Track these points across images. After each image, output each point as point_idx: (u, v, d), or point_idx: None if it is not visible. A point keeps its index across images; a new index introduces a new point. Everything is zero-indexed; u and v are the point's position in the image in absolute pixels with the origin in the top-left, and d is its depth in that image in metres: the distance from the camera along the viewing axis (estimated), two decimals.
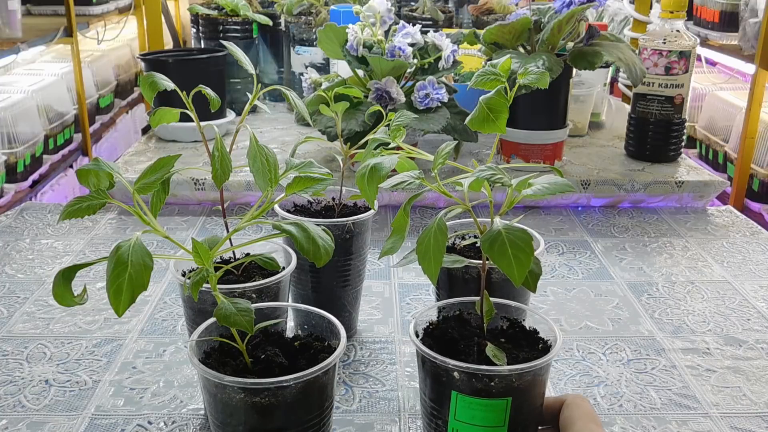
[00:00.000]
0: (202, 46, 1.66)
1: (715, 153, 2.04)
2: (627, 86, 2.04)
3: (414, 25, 1.19)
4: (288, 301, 0.72)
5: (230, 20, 1.64)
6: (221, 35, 1.64)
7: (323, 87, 1.24)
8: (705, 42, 2.04)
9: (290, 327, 0.65)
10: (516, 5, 1.60)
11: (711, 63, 2.40)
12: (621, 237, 1.15)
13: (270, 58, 1.76)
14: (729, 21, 1.99)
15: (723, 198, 1.87)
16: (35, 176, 1.99)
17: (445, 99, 1.18)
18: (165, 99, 0.77)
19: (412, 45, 1.18)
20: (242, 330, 0.54)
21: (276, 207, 0.78)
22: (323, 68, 1.60)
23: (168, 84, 0.63)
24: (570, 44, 1.20)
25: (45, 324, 0.88)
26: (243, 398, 0.53)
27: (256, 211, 0.57)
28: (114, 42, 2.77)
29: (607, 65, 1.53)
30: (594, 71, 1.19)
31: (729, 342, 0.86)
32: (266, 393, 0.53)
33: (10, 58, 2.07)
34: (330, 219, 0.78)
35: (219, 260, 0.71)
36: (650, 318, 0.91)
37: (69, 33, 2.24)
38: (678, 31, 1.29)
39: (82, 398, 0.74)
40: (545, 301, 0.95)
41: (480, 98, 0.56)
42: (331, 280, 0.81)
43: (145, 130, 2.75)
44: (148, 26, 1.96)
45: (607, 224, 1.20)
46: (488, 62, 0.71)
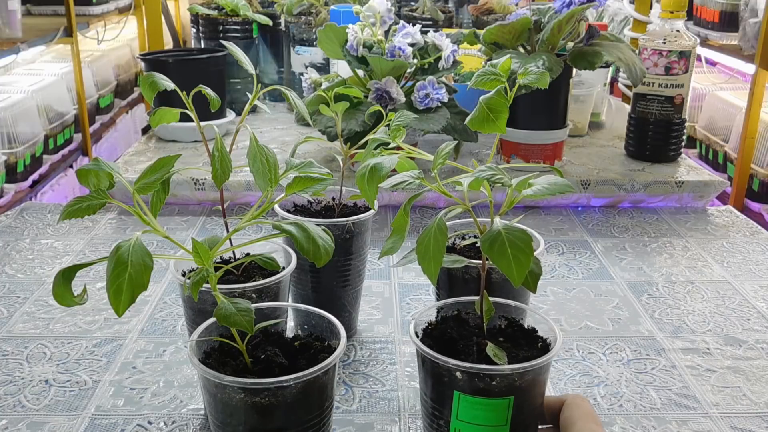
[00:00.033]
0: (202, 46, 1.66)
1: (715, 153, 2.04)
2: (627, 86, 2.04)
3: (414, 25, 1.19)
4: (288, 301, 0.72)
5: (230, 20, 1.64)
6: (221, 35, 1.64)
7: (323, 87, 1.24)
8: (705, 42, 2.04)
9: (290, 327, 0.65)
10: (516, 5, 1.60)
11: (711, 63, 2.40)
12: (621, 237, 1.15)
13: (270, 58, 1.76)
14: (729, 21, 1.99)
15: (723, 198, 1.87)
16: (35, 176, 1.99)
17: (445, 99, 1.18)
18: (165, 99, 0.77)
19: (412, 45, 1.18)
20: (242, 330, 0.54)
21: (276, 207, 0.78)
22: (323, 68, 1.60)
23: (168, 84, 0.63)
24: (570, 44, 1.20)
25: (45, 324, 0.88)
26: (243, 398, 0.53)
27: (256, 211, 0.57)
28: (114, 42, 2.77)
29: (607, 65, 1.53)
30: (594, 71, 1.20)
31: (729, 342, 0.86)
32: (266, 393, 0.53)
33: (10, 58, 2.07)
34: (330, 219, 0.78)
35: (219, 260, 0.71)
36: (650, 318, 0.91)
37: (69, 33, 2.24)
38: (678, 31, 1.29)
39: (82, 398, 0.74)
40: (545, 301, 0.95)
41: (480, 98, 0.56)
42: (331, 280, 0.81)
43: (145, 130, 2.75)
44: (148, 26, 1.96)
45: (607, 224, 1.20)
46: (488, 62, 0.71)
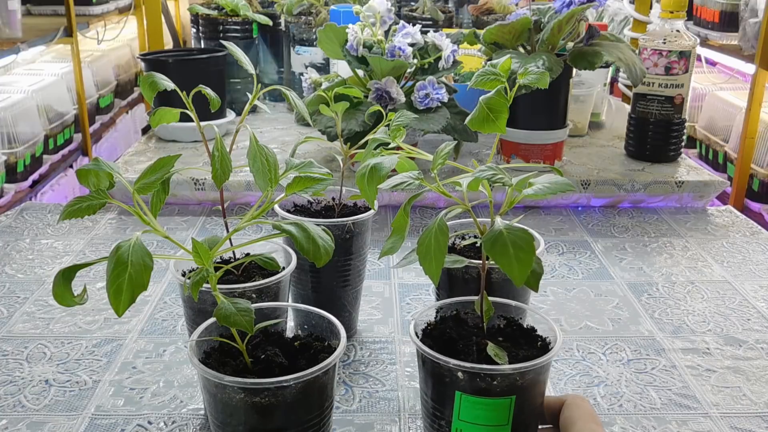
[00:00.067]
0: (202, 46, 1.66)
1: (715, 153, 2.04)
2: (627, 86, 2.04)
3: (414, 25, 1.19)
4: (288, 301, 0.72)
5: (230, 20, 1.64)
6: (221, 35, 1.64)
7: (323, 87, 1.24)
8: (705, 42, 2.04)
9: (290, 327, 0.65)
10: (516, 5, 1.60)
11: (711, 63, 2.40)
12: (621, 237, 1.15)
13: (270, 58, 1.76)
14: (729, 21, 1.99)
15: (723, 198, 1.87)
16: (35, 176, 1.99)
17: (445, 99, 1.18)
18: (165, 99, 0.77)
19: (412, 45, 1.18)
20: (242, 330, 0.54)
21: (276, 207, 0.78)
22: (323, 68, 1.60)
23: (168, 84, 0.63)
24: (570, 44, 1.20)
25: (45, 324, 0.88)
26: (243, 398, 0.53)
27: (256, 211, 0.57)
28: (114, 42, 2.77)
29: (607, 65, 1.53)
30: (594, 71, 1.20)
31: (729, 342, 0.86)
32: (266, 393, 0.53)
33: (10, 58, 2.07)
34: (330, 219, 0.78)
35: (219, 260, 0.71)
36: (650, 318, 0.91)
37: (69, 33, 2.24)
38: (678, 31, 1.29)
39: (82, 398, 0.74)
40: (545, 301, 0.95)
41: (480, 98, 0.56)
42: (331, 280, 0.81)
43: (145, 130, 2.75)
44: (148, 26, 1.96)
45: (607, 224, 1.20)
46: (488, 62, 0.71)
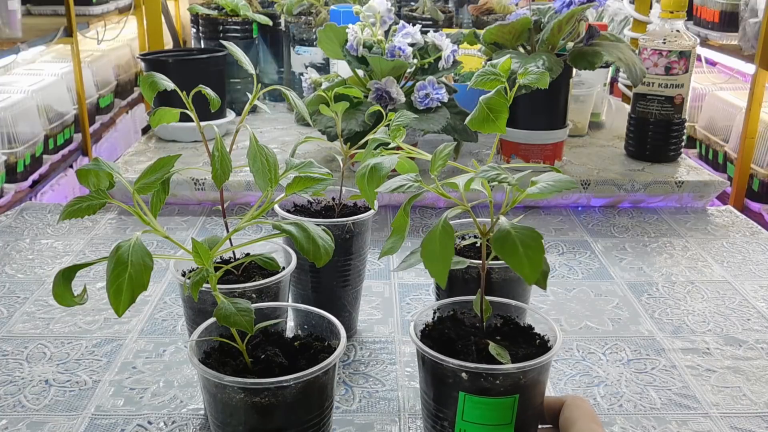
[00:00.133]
0: (202, 46, 1.66)
1: (715, 153, 2.04)
2: (627, 86, 2.04)
3: (414, 25, 1.19)
4: (288, 301, 0.72)
5: (230, 20, 1.64)
6: (221, 35, 1.64)
7: (323, 87, 1.24)
8: (705, 42, 2.04)
9: (290, 327, 0.65)
10: (516, 5, 1.60)
11: (711, 63, 2.40)
12: (621, 237, 1.15)
13: (270, 58, 1.76)
14: (729, 21, 1.99)
15: (723, 198, 1.87)
16: (35, 176, 1.99)
17: (445, 99, 1.18)
18: (165, 99, 0.77)
19: (412, 45, 1.18)
20: (242, 330, 0.54)
21: (276, 207, 0.78)
22: (323, 68, 1.60)
23: (168, 84, 0.63)
24: (570, 44, 1.20)
25: (45, 324, 0.88)
26: (243, 398, 0.53)
27: (256, 211, 0.57)
28: (114, 42, 2.77)
29: (607, 65, 1.53)
30: (594, 71, 1.19)
31: (729, 342, 0.86)
32: (266, 393, 0.53)
33: (10, 58, 2.07)
34: (330, 219, 0.78)
35: (219, 260, 0.71)
36: (650, 318, 0.91)
37: (69, 33, 2.24)
38: (678, 31, 1.29)
39: (82, 398, 0.74)
40: (545, 301, 0.95)
41: (480, 98, 0.56)
42: (331, 280, 0.81)
43: (145, 130, 2.75)
44: (148, 26, 1.96)
45: (607, 224, 1.20)
46: (488, 62, 0.71)
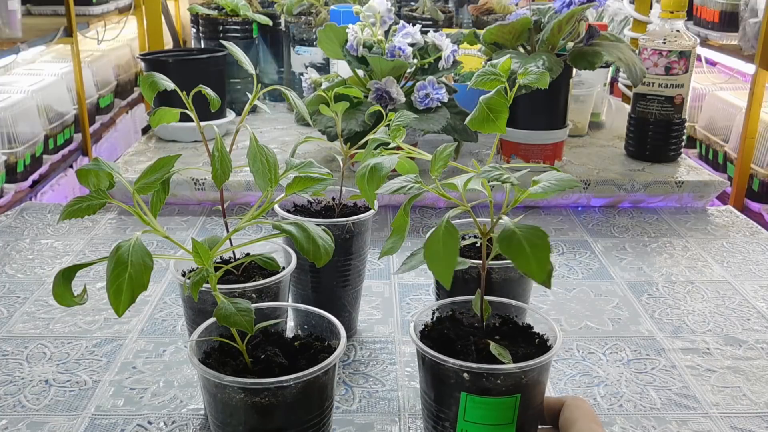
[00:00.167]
0: (202, 46, 1.66)
1: (715, 153, 2.04)
2: (627, 86, 2.04)
3: (414, 25, 1.19)
4: (288, 301, 0.72)
5: (230, 20, 1.64)
6: (221, 35, 1.64)
7: (323, 87, 1.24)
8: (705, 42, 2.04)
9: (290, 327, 0.65)
10: (516, 5, 1.60)
11: (711, 63, 2.40)
12: (621, 237, 1.15)
13: (270, 58, 1.76)
14: (729, 21, 1.99)
15: (723, 198, 1.87)
16: (35, 176, 1.99)
17: (445, 99, 1.18)
18: (165, 99, 0.77)
19: (412, 45, 1.18)
20: (242, 330, 0.54)
21: (276, 207, 0.78)
22: (323, 68, 1.60)
23: (168, 84, 0.63)
24: (570, 44, 1.20)
25: (45, 324, 0.88)
26: (243, 398, 0.53)
27: (256, 211, 0.57)
28: (114, 42, 2.77)
29: (607, 65, 1.53)
30: (594, 71, 1.19)
31: (729, 342, 0.86)
32: (266, 393, 0.53)
33: (10, 58, 2.07)
34: (330, 219, 0.78)
35: (219, 260, 0.71)
36: (650, 318, 0.91)
37: (69, 33, 2.24)
38: (678, 31, 1.29)
39: (82, 398, 0.74)
40: (545, 301, 0.95)
41: (480, 98, 0.56)
42: (331, 280, 0.81)
43: (145, 130, 2.75)
44: (148, 26, 1.96)
45: (607, 224, 1.20)
46: (488, 62, 0.71)
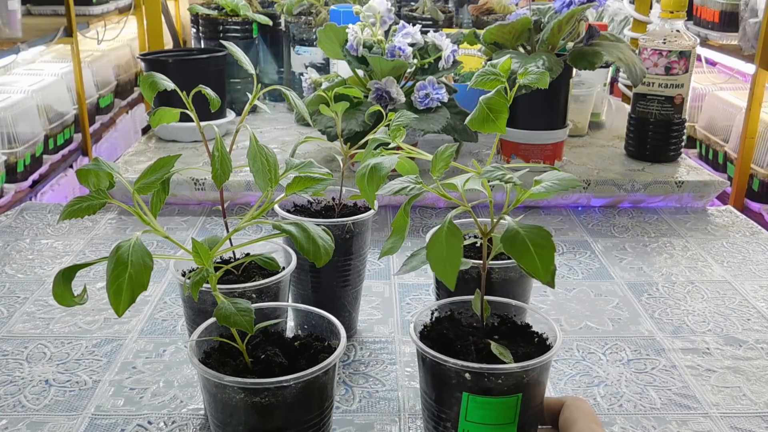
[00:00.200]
0: (202, 46, 1.66)
1: (715, 153, 2.04)
2: (627, 86, 2.04)
3: (414, 25, 1.19)
4: (288, 301, 0.72)
5: (230, 20, 1.64)
6: (221, 35, 1.64)
7: (323, 87, 1.24)
8: (705, 42, 2.04)
9: (290, 327, 0.65)
10: (516, 5, 1.60)
11: (711, 63, 2.40)
12: (621, 237, 1.15)
13: (270, 58, 1.76)
14: (729, 21, 2.00)
15: (723, 198, 1.87)
16: (35, 176, 1.99)
17: (445, 99, 1.18)
18: (165, 99, 0.77)
19: (412, 45, 1.18)
20: (242, 330, 0.54)
21: (276, 207, 0.78)
22: (323, 68, 1.60)
23: (168, 84, 0.63)
24: (570, 44, 1.20)
25: (45, 324, 0.88)
26: (243, 398, 0.53)
27: (256, 211, 0.57)
28: (114, 42, 2.77)
29: (607, 65, 1.53)
30: (594, 71, 1.19)
31: (729, 342, 0.86)
32: (266, 393, 0.53)
33: (10, 58, 2.07)
34: (330, 219, 0.78)
35: (219, 260, 0.71)
36: (650, 318, 0.91)
37: (69, 33, 2.24)
38: (678, 31, 1.29)
39: (82, 398, 0.74)
40: (545, 301, 0.95)
41: (480, 98, 0.56)
42: (331, 280, 0.81)
43: (145, 130, 2.75)
44: (148, 26, 1.96)
45: (607, 224, 1.20)
46: (488, 62, 0.71)
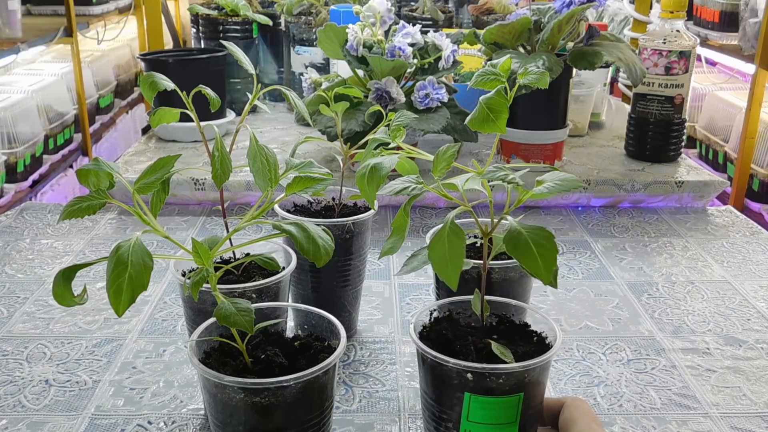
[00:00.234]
0: (202, 46, 1.66)
1: (715, 153, 2.04)
2: (627, 86, 2.04)
3: (414, 25, 1.19)
4: (288, 301, 0.72)
5: (230, 20, 1.64)
6: (221, 35, 1.64)
7: (323, 87, 1.24)
8: (705, 42, 2.04)
9: (290, 327, 0.65)
10: (516, 5, 1.60)
11: (711, 63, 2.40)
12: (621, 237, 1.15)
13: (270, 58, 1.76)
14: (729, 21, 2.00)
15: (723, 198, 1.87)
16: (35, 176, 1.99)
17: (445, 99, 1.18)
18: (165, 99, 0.77)
19: (412, 45, 1.18)
20: (242, 330, 0.54)
21: (276, 207, 0.78)
22: (323, 68, 1.60)
23: (168, 84, 0.63)
24: (570, 44, 1.20)
25: (45, 324, 0.88)
26: (243, 398, 0.53)
27: (256, 211, 0.57)
28: (114, 42, 2.77)
29: (607, 65, 1.53)
30: (594, 71, 1.19)
31: (729, 342, 0.86)
32: (266, 393, 0.53)
33: (10, 58, 2.07)
34: (330, 219, 0.78)
35: (219, 260, 0.71)
36: (650, 318, 0.91)
37: (69, 33, 2.24)
38: (678, 31, 1.29)
39: (82, 398, 0.74)
40: (545, 301, 0.95)
41: (480, 98, 0.56)
42: (331, 280, 0.81)
43: (145, 130, 2.75)
44: (148, 26, 1.96)
45: (607, 224, 1.20)
46: (488, 62, 0.71)
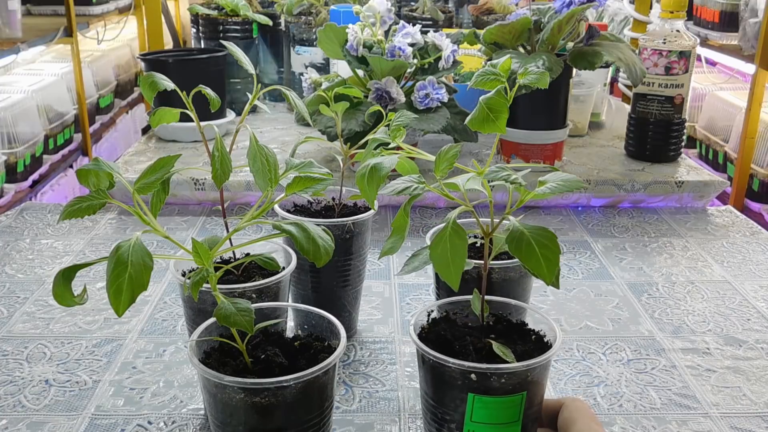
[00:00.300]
0: (202, 46, 1.66)
1: (715, 153, 2.04)
2: (627, 86, 2.04)
3: (414, 25, 1.19)
4: (288, 301, 0.72)
5: (230, 20, 1.64)
6: (221, 35, 1.64)
7: (323, 87, 1.24)
8: (705, 42, 2.04)
9: (290, 327, 0.65)
10: (516, 5, 1.60)
11: (711, 63, 2.40)
12: (621, 237, 1.15)
13: (270, 58, 1.76)
14: (729, 21, 1.99)
15: (723, 198, 1.87)
16: (35, 176, 1.99)
17: (445, 99, 1.18)
18: (165, 99, 0.77)
19: (412, 45, 1.18)
20: (242, 330, 0.54)
21: (276, 207, 0.78)
22: (323, 68, 1.60)
23: (168, 84, 0.63)
24: (570, 44, 1.20)
25: (45, 324, 0.88)
26: (243, 398, 0.53)
27: (256, 211, 0.57)
28: (114, 42, 2.77)
29: (607, 65, 1.53)
30: (594, 71, 1.19)
31: (729, 342, 0.86)
32: (266, 393, 0.53)
33: (10, 58, 2.07)
34: (330, 219, 0.78)
35: (219, 260, 0.71)
36: (650, 318, 0.91)
37: (69, 33, 2.24)
38: (678, 31, 1.29)
39: (82, 398, 0.74)
40: (545, 301, 0.95)
41: (480, 98, 0.56)
42: (331, 280, 0.81)
43: (145, 130, 2.75)
44: (148, 26, 1.96)
45: (607, 224, 1.20)
46: (488, 62, 0.71)
